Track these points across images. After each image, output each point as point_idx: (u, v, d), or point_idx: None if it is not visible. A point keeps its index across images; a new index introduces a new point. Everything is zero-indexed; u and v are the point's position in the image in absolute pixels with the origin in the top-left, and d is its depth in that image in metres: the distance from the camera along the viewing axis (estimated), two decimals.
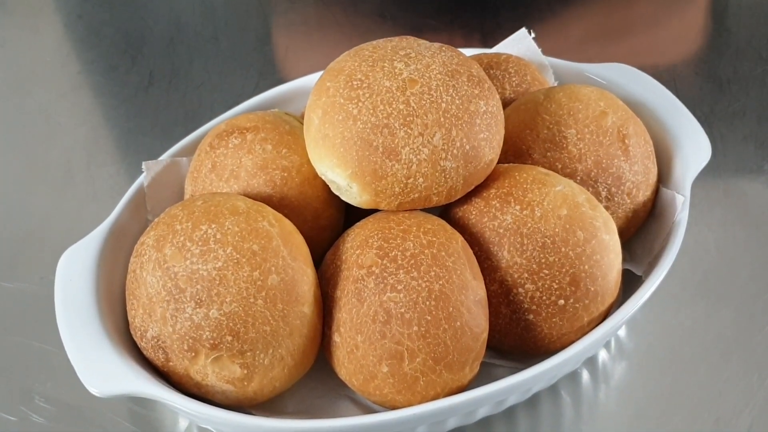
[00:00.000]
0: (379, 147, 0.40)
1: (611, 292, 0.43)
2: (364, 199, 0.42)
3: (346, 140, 0.41)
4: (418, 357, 0.39)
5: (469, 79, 0.42)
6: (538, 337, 0.43)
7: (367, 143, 0.41)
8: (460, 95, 0.41)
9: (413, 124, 0.40)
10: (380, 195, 0.41)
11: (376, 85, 0.41)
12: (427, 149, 0.40)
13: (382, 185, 0.41)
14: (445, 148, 0.40)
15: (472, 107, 0.41)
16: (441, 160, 0.41)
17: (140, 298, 0.42)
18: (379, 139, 0.40)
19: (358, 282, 0.41)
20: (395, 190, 0.41)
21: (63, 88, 0.72)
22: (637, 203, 0.48)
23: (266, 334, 0.40)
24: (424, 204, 0.42)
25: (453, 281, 0.40)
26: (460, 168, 0.41)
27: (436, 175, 0.41)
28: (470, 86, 0.42)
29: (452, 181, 0.41)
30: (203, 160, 0.48)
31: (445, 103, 0.41)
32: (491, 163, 0.43)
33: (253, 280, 0.40)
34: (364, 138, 0.41)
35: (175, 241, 0.41)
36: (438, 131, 0.40)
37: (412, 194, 0.41)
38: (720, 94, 0.66)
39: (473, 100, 0.42)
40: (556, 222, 0.42)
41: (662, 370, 0.49)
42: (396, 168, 0.40)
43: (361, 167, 0.41)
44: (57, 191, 0.63)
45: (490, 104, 0.42)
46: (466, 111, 0.41)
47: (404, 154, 0.40)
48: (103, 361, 0.42)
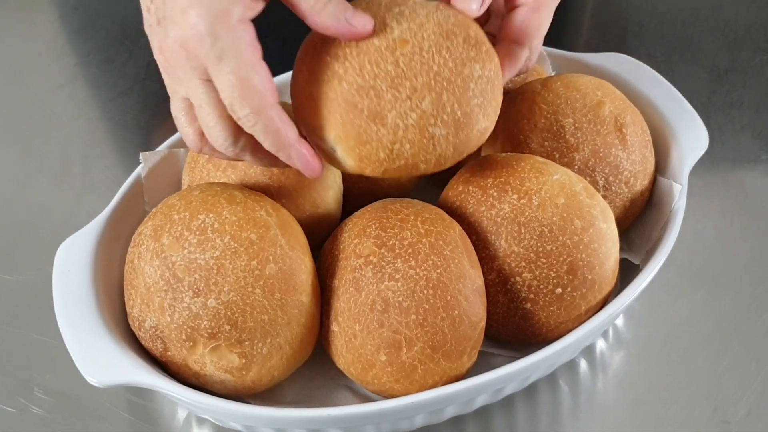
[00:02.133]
0: (364, 110, 0.38)
1: (609, 281, 0.43)
2: (348, 164, 0.40)
3: (331, 101, 0.38)
4: (416, 346, 0.39)
5: (465, 41, 0.39)
6: (535, 325, 0.43)
7: (351, 105, 0.38)
8: (453, 57, 0.39)
9: (401, 86, 0.38)
10: (365, 160, 0.39)
11: (364, 44, 0.38)
12: (415, 114, 0.38)
13: (367, 150, 0.39)
14: (434, 113, 0.38)
15: (466, 71, 0.39)
16: (430, 126, 0.38)
17: (138, 288, 0.42)
18: (365, 102, 0.38)
19: (356, 271, 0.41)
20: (380, 155, 0.39)
21: (60, 80, 0.71)
22: (635, 192, 0.48)
23: (264, 323, 0.40)
24: (411, 172, 0.40)
25: (451, 270, 0.40)
26: (451, 135, 0.39)
27: (424, 141, 0.38)
28: (466, 48, 0.39)
29: (441, 149, 0.39)
30: None
31: (437, 66, 0.38)
32: (485, 131, 0.41)
33: (251, 269, 0.40)
34: (349, 100, 0.38)
35: (172, 230, 0.41)
36: (428, 95, 0.38)
37: (398, 161, 0.39)
38: (718, 84, 0.66)
39: (468, 63, 0.39)
40: (553, 211, 0.42)
41: (660, 359, 0.49)
42: (381, 133, 0.38)
43: (345, 130, 0.38)
44: (54, 183, 0.62)
45: (487, 68, 0.40)
46: (460, 74, 0.38)
47: (390, 118, 0.38)
48: (101, 352, 0.42)
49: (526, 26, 0.42)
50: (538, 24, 0.42)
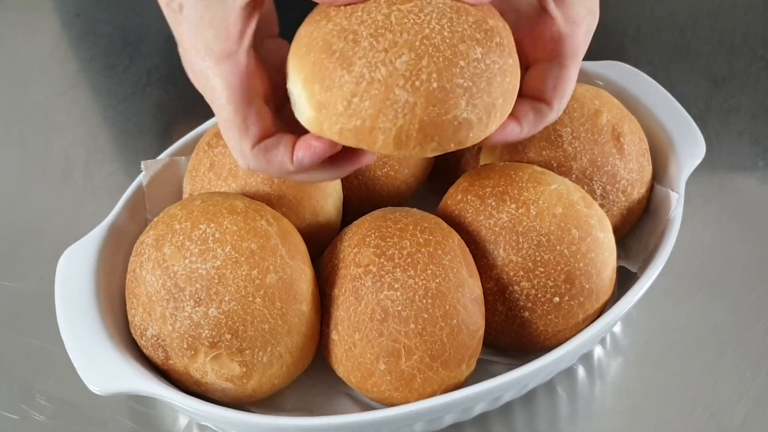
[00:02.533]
0: (337, 52, 0.35)
1: (606, 290, 0.43)
2: (308, 114, 0.36)
3: (312, 40, 0.36)
4: (415, 354, 0.40)
5: (476, 23, 0.35)
6: (533, 334, 0.44)
7: (327, 45, 0.35)
8: (453, 30, 0.35)
9: (382, 37, 0.34)
10: (323, 111, 0.35)
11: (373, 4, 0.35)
12: (385, 69, 0.34)
13: (326, 97, 0.35)
14: (406, 74, 0.34)
15: (462, 47, 0.35)
16: (397, 87, 0.34)
17: (140, 296, 0.42)
18: (340, 44, 0.35)
19: (356, 280, 0.41)
20: (338, 107, 0.34)
21: (61, 86, 0.72)
22: (632, 201, 0.49)
23: (265, 332, 0.40)
24: (368, 140, 0.35)
25: (449, 279, 0.40)
26: (418, 107, 0.34)
27: (387, 103, 0.34)
28: (473, 29, 0.35)
29: (403, 120, 0.34)
30: (201, 158, 0.49)
31: (429, 29, 0.34)
32: (466, 124, 0.35)
33: (251, 278, 0.40)
34: (327, 39, 0.35)
35: (174, 240, 0.41)
36: (406, 53, 0.34)
37: (354, 119, 0.34)
38: (715, 91, 0.66)
39: (468, 41, 0.35)
40: (551, 220, 0.42)
41: (657, 366, 0.49)
42: (345, 79, 0.34)
43: (313, 72, 0.35)
44: (56, 190, 0.63)
45: (490, 58, 0.35)
46: (452, 47, 0.34)
47: (358, 66, 0.34)
48: (103, 360, 0.42)
49: (554, 87, 0.39)
50: (568, 81, 0.40)
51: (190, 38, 0.36)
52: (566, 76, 0.40)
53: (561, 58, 0.39)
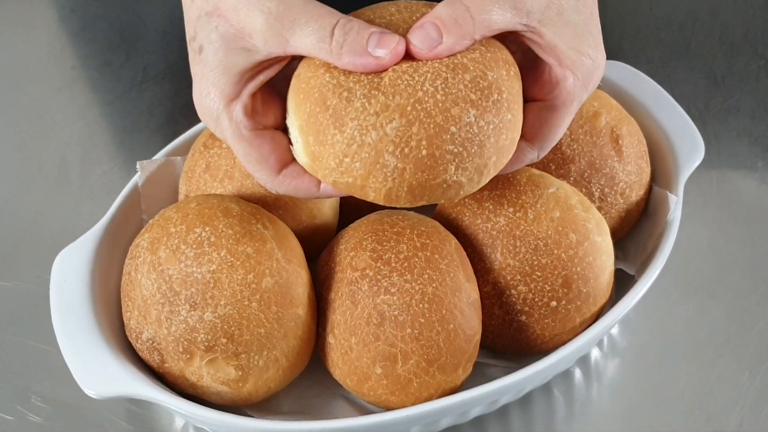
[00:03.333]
0: (330, 108, 0.35)
1: (603, 294, 0.43)
2: (303, 160, 0.37)
3: (310, 88, 0.36)
4: (411, 359, 0.40)
5: (472, 81, 0.35)
6: (530, 337, 0.43)
7: (323, 99, 0.35)
8: (447, 92, 0.34)
9: (374, 99, 0.34)
10: (316, 162, 0.36)
11: None
12: (376, 133, 0.34)
13: (320, 152, 0.35)
14: (395, 140, 0.34)
15: (454, 111, 0.34)
16: (386, 153, 0.34)
17: (135, 300, 0.42)
18: (334, 101, 0.35)
19: (352, 284, 0.41)
20: (330, 163, 0.35)
21: (57, 84, 0.71)
22: (630, 203, 0.48)
23: (261, 336, 0.40)
24: (360, 194, 0.36)
25: (446, 284, 0.40)
26: (407, 172, 0.35)
27: (376, 167, 0.35)
28: (468, 89, 0.35)
29: (392, 183, 0.35)
30: (197, 160, 0.48)
31: (422, 93, 0.34)
32: (455, 187, 0.35)
33: (247, 283, 0.40)
34: (323, 93, 0.35)
35: (169, 243, 0.41)
36: (397, 119, 0.34)
37: (346, 176, 0.35)
38: (714, 90, 0.66)
39: (461, 104, 0.34)
40: (548, 224, 0.42)
41: (654, 368, 0.49)
42: (337, 139, 0.35)
43: (308, 123, 0.36)
44: (52, 189, 0.62)
45: (485, 119, 0.35)
46: (444, 111, 0.34)
47: (350, 127, 0.34)
48: (99, 363, 0.42)
49: (540, 127, 0.38)
50: (555, 125, 0.38)
51: (203, 80, 0.37)
52: (554, 121, 0.38)
53: (552, 101, 0.38)
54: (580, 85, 0.38)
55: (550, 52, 0.37)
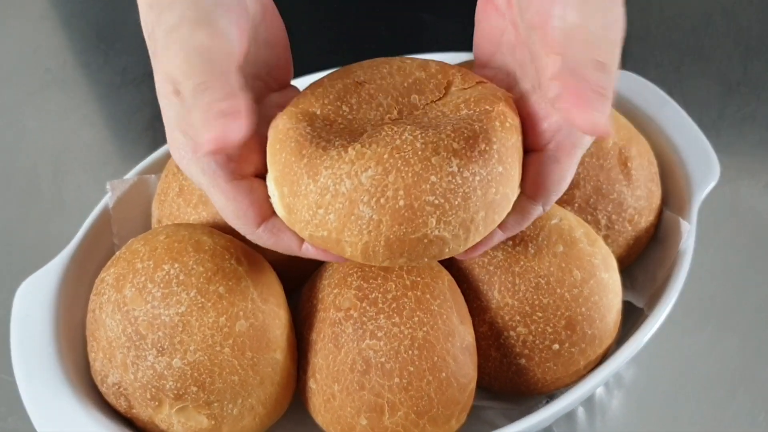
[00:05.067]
0: (305, 157, 0.32)
1: (610, 334, 0.40)
2: (280, 212, 0.34)
3: (287, 139, 0.33)
4: (399, 411, 0.36)
5: (454, 131, 0.32)
6: (530, 381, 0.40)
7: (299, 148, 0.33)
8: (427, 141, 0.32)
9: (351, 147, 0.32)
10: (293, 215, 0.33)
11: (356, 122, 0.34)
12: (350, 182, 0.32)
13: (293, 203, 0.33)
14: (370, 190, 0.31)
15: (435, 159, 0.32)
16: (361, 203, 0.31)
17: (100, 340, 0.39)
18: (310, 149, 0.32)
19: (335, 326, 0.38)
20: (304, 215, 0.33)
21: (29, 88, 0.67)
22: (639, 230, 0.45)
23: (234, 384, 0.37)
24: (336, 249, 0.33)
25: (438, 327, 0.37)
26: (384, 225, 0.32)
27: (351, 218, 0.32)
28: (450, 138, 0.32)
29: (368, 237, 0.32)
30: (170, 182, 0.45)
31: (401, 140, 0.32)
32: (438, 243, 0.32)
33: (219, 326, 0.36)
34: (299, 142, 0.33)
35: (135, 281, 0.38)
36: (373, 167, 0.31)
37: (320, 229, 0.33)
38: (729, 97, 0.62)
39: (443, 153, 0.32)
40: (551, 260, 0.38)
41: (662, 405, 0.46)
42: (310, 189, 0.32)
43: (283, 173, 0.33)
44: (22, 203, 0.59)
45: (470, 170, 0.32)
46: (424, 159, 0.31)
47: (324, 176, 0.32)
48: (59, 407, 0.39)
49: (543, 180, 0.34)
50: (558, 178, 0.34)
51: (174, 131, 0.33)
52: (557, 174, 0.34)
53: (554, 152, 0.34)
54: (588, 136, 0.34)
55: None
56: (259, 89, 0.37)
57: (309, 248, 0.35)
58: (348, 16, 0.71)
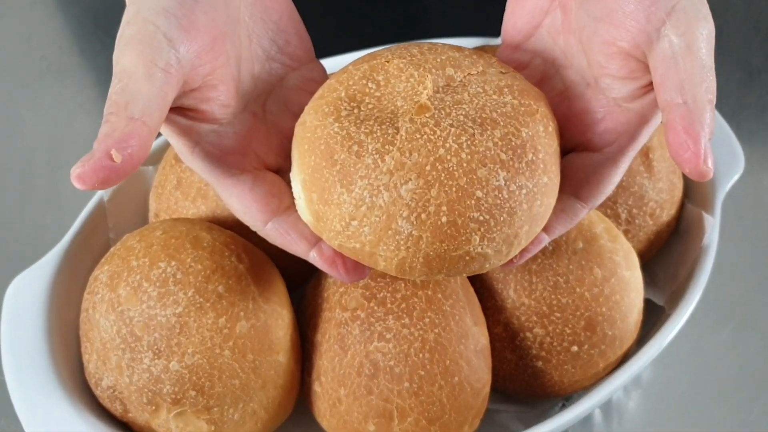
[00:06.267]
0: (338, 164, 0.30)
1: (631, 335, 0.38)
2: (307, 218, 0.32)
3: (316, 138, 0.31)
4: (409, 417, 0.34)
5: (503, 138, 0.30)
6: (547, 384, 0.38)
7: (329, 153, 0.30)
8: (473, 150, 0.29)
9: (388, 155, 0.29)
10: (321, 222, 0.31)
11: (386, 99, 0.31)
12: (388, 195, 0.29)
13: (324, 212, 0.30)
14: (411, 204, 0.29)
15: (481, 172, 0.29)
16: (399, 218, 0.29)
17: (93, 341, 0.37)
18: (343, 155, 0.30)
19: (342, 327, 0.36)
20: (335, 225, 0.30)
21: (24, 77, 0.65)
22: (661, 224, 0.43)
23: (235, 388, 0.35)
24: (369, 262, 0.31)
25: (450, 329, 0.35)
26: (424, 241, 0.29)
27: (388, 233, 0.30)
28: (498, 147, 0.30)
29: (406, 253, 0.30)
30: (168, 174, 0.43)
31: (444, 150, 0.29)
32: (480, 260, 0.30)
33: (218, 328, 0.34)
34: (330, 145, 0.30)
35: (130, 280, 0.36)
36: (413, 179, 0.29)
37: (352, 241, 0.30)
38: (750, 85, 0.60)
39: (489, 164, 0.29)
40: (570, 257, 0.36)
41: (681, 407, 0.44)
42: (344, 198, 0.30)
43: (313, 179, 0.31)
44: (16, 196, 0.57)
45: (517, 183, 0.29)
46: (470, 173, 0.29)
47: (359, 186, 0.29)
48: (52, 411, 0.37)
49: (598, 183, 0.31)
50: (610, 180, 0.31)
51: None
52: (612, 173, 0.31)
53: (613, 154, 0.31)
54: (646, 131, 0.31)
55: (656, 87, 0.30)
56: (276, 71, 0.34)
57: (317, 258, 0.32)
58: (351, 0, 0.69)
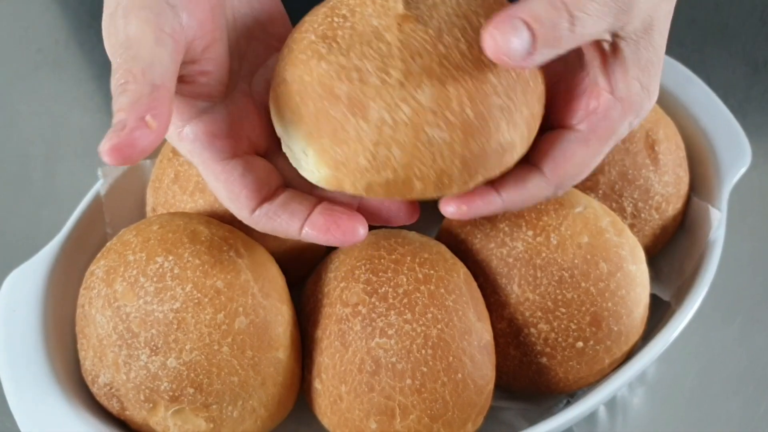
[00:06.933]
0: (342, 97, 0.29)
1: (637, 330, 0.37)
2: (322, 174, 0.30)
3: (306, 85, 0.29)
4: (411, 414, 0.34)
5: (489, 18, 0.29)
6: (551, 380, 0.37)
7: (328, 90, 0.29)
8: (469, 39, 0.29)
9: (393, 68, 0.28)
10: (341, 168, 0.29)
11: (360, 24, 0.30)
12: (408, 107, 0.28)
13: (344, 152, 0.29)
14: (434, 108, 0.28)
15: (486, 58, 0.28)
16: (427, 126, 0.28)
17: (90, 338, 0.36)
18: (344, 86, 0.28)
19: (342, 322, 0.35)
20: (360, 162, 0.29)
21: (20, 69, 0.64)
22: (667, 218, 0.42)
23: (234, 385, 0.34)
24: (404, 191, 0.30)
25: (454, 325, 0.34)
26: (457, 143, 0.28)
27: (419, 147, 0.28)
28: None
29: (443, 163, 0.29)
30: (165, 168, 0.42)
31: (445, 46, 0.28)
32: (509, 148, 0.30)
33: (217, 324, 0.34)
34: (326, 83, 0.29)
35: (126, 275, 0.35)
36: (427, 83, 0.28)
37: (384, 172, 0.29)
38: (756, 78, 0.59)
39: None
40: (575, 251, 0.36)
41: (687, 404, 0.43)
42: (362, 128, 0.28)
43: (318, 124, 0.29)
44: (11, 189, 0.56)
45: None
46: (477, 61, 0.28)
47: (375, 109, 0.28)
48: (48, 409, 0.37)
49: (564, 161, 0.31)
50: (583, 162, 0.31)
51: None
52: (584, 158, 0.31)
53: (586, 133, 0.31)
54: (626, 123, 0.31)
55: (611, 74, 0.30)
56: (260, 51, 0.34)
57: (310, 233, 0.31)
58: None
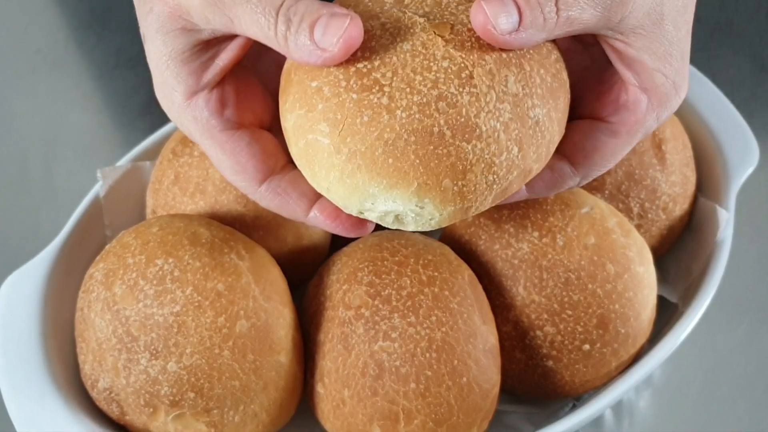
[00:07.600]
0: (443, 130, 0.27)
1: (644, 333, 0.37)
2: (444, 215, 0.28)
3: (392, 144, 0.27)
4: (416, 419, 0.33)
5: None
6: (557, 384, 0.37)
7: (425, 133, 0.27)
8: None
9: (474, 76, 0.27)
10: (468, 197, 0.28)
11: (390, 54, 0.28)
12: (507, 103, 0.27)
13: (470, 182, 0.27)
14: (526, 90, 0.28)
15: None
16: (529, 109, 0.28)
17: (89, 342, 0.36)
18: (440, 118, 0.27)
19: (345, 326, 0.34)
20: (487, 180, 0.28)
21: (19, 70, 0.64)
22: (674, 218, 0.41)
23: (235, 389, 0.34)
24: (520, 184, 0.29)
25: (458, 328, 0.33)
26: (552, 111, 0.28)
27: (530, 134, 0.28)
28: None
29: (549, 134, 0.29)
30: (165, 169, 0.41)
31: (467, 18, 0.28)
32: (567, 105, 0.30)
33: (217, 327, 0.33)
34: (417, 128, 0.27)
35: (126, 278, 0.34)
36: (506, 70, 0.27)
37: (509, 175, 0.28)
38: (762, 76, 0.58)
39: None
40: (581, 253, 0.35)
41: (694, 406, 0.43)
42: (480, 148, 0.27)
43: (430, 170, 0.27)
44: (10, 190, 0.56)
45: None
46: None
47: (483, 122, 0.27)
48: (47, 415, 0.36)
49: (592, 151, 0.31)
50: (610, 154, 0.31)
51: (156, 75, 0.31)
52: (611, 150, 0.31)
53: (615, 126, 0.31)
54: (653, 115, 0.31)
55: (632, 67, 0.30)
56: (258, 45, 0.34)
57: (318, 217, 0.31)
58: None
